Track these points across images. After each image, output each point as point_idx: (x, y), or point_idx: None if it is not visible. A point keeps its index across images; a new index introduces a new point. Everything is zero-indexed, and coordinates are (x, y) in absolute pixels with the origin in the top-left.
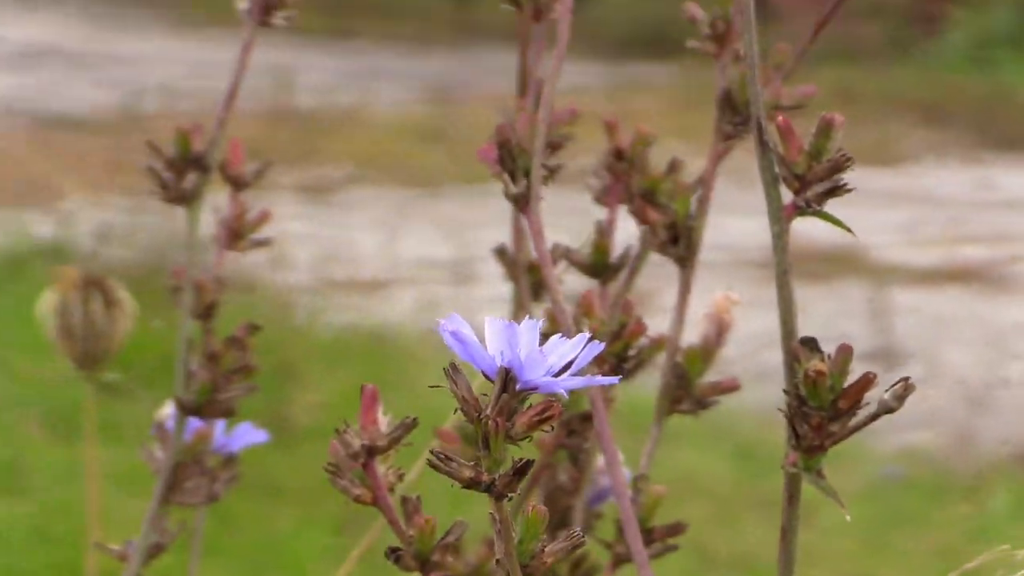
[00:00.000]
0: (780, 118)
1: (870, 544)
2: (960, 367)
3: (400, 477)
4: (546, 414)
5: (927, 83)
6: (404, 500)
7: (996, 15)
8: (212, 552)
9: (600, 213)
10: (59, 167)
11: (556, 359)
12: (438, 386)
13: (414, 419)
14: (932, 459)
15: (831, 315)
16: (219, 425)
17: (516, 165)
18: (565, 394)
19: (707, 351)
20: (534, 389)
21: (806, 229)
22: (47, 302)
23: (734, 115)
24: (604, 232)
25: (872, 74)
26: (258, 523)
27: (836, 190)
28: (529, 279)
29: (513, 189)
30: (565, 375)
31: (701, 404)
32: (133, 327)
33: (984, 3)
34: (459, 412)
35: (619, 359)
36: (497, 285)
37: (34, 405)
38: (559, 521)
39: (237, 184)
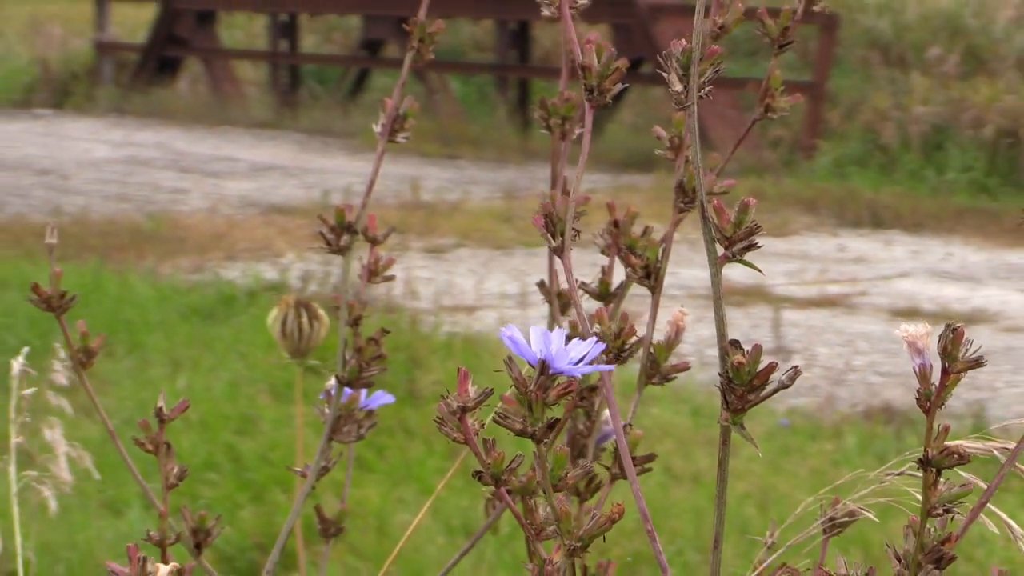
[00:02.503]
0: (716, 201)
1: (770, 467)
2: (826, 359)
3: (482, 426)
4: (568, 388)
5: (806, 188)
6: (484, 441)
7: (848, 146)
8: (369, 471)
9: (603, 262)
10: (278, 236)
11: (575, 354)
12: (500, 371)
13: (491, 390)
14: (809, 415)
15: (746, 328)
16: (363, 392)
17: (556, 228)
18: (580, 376)
19: (669, 345)
20: (561, 373)
21: (732, 276)
22: (273, 317)
23: (685, 197)
24: (606, 273)
25: (773, 182)
26: (399, 453)
27: (751, 247)
28: (559, 301)
29: (554, 243)
30: (581, 364)
31: (666, 378)
32: (327, 332)
33: (840, 139)
34: (514, 388)
35: (619, 350)
36: (545, 308)
37: (264, 381)
38: (578, 454)
39: (373, 242)
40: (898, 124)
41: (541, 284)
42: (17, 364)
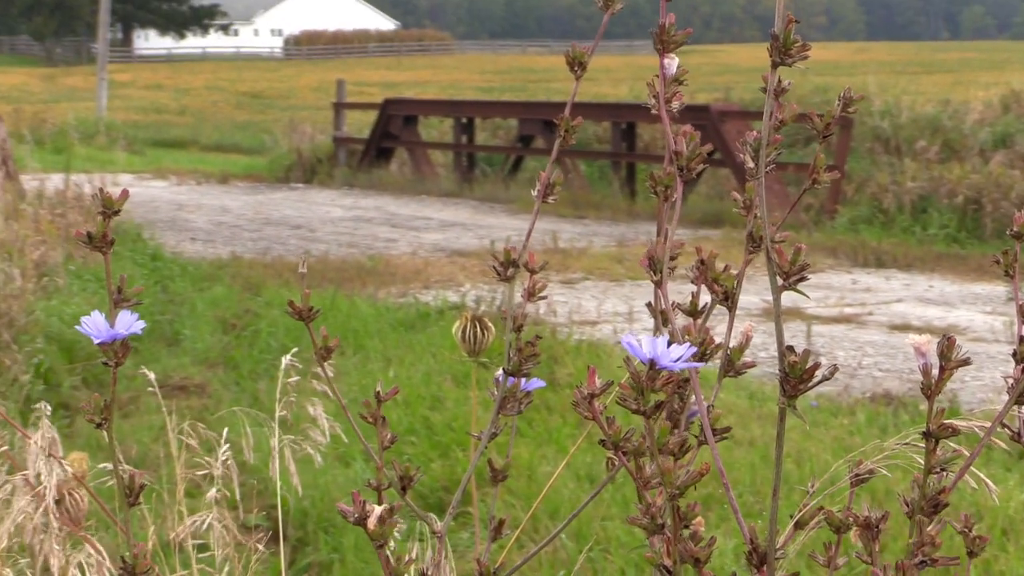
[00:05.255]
0: (777, 247)
1: (804, 435)
2: (844, 359)
3: (604, 407)
4: (670, 380)
5: (829, 240)
6: (607, 418)
7: (859, 210)
8: (521, 436)
9: (692, 289)
10: (459, 272)
11: (675, 355)
12: (621, 366)
13: (611, 381)
14: (832, 398)
15: (786, 338)
16: (523, 380)
17: (656, 267)
18: (678, 370)
19: (741, 348)
20: (664, 368)
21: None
22: (455, 327)
23: (753, 242)
24: (695, 296)
25: (806, 235)
26: (543, 424)
27: (803, 279)
28: (661, 317)
29: (654, 278)
30: (679, 362)
31: (739, 373)
32: (493, 338)
33: (854, 205)
34: (629, 378)
35: (703, 353)
36: (645, 323)
37: (448, 373)
38: (673, 425)
39: (532, 272)
40: (895, 195)
41: (649, 304)
42: (285, 360)
